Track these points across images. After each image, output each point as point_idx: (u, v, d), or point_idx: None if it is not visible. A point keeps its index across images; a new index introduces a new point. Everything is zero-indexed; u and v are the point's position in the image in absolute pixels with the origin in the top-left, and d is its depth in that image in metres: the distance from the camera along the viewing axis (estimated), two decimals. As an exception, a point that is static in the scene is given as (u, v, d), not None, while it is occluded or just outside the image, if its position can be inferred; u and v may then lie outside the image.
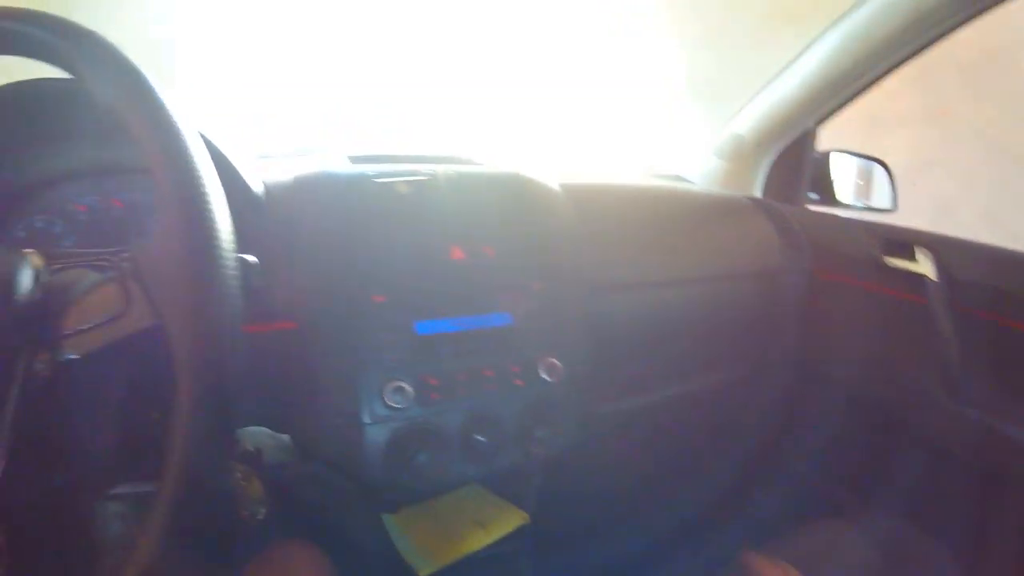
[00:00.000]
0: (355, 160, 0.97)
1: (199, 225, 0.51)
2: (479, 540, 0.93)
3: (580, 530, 1.24)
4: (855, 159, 1.49)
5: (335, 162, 0.94)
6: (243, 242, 0.83)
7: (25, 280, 0.54)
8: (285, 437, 1.02)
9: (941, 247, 1.16)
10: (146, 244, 0.54)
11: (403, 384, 0.79)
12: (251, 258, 0.61)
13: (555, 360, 0.89)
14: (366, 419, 0.79)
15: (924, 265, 1.16)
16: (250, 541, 0.95)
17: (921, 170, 2.45)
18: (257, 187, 0.87)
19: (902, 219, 1.34)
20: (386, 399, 0.79)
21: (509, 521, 0.97)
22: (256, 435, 1.01)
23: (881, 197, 1.44)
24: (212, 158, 0.80)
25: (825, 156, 1.43)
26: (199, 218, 0.51)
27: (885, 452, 1.24)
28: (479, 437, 0.83)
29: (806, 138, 1.40)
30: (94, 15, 0.61)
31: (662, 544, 1.30)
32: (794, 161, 1.42)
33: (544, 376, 0.88)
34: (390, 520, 1.03)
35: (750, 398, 1.28)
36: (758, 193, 1.45)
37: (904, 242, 1.21)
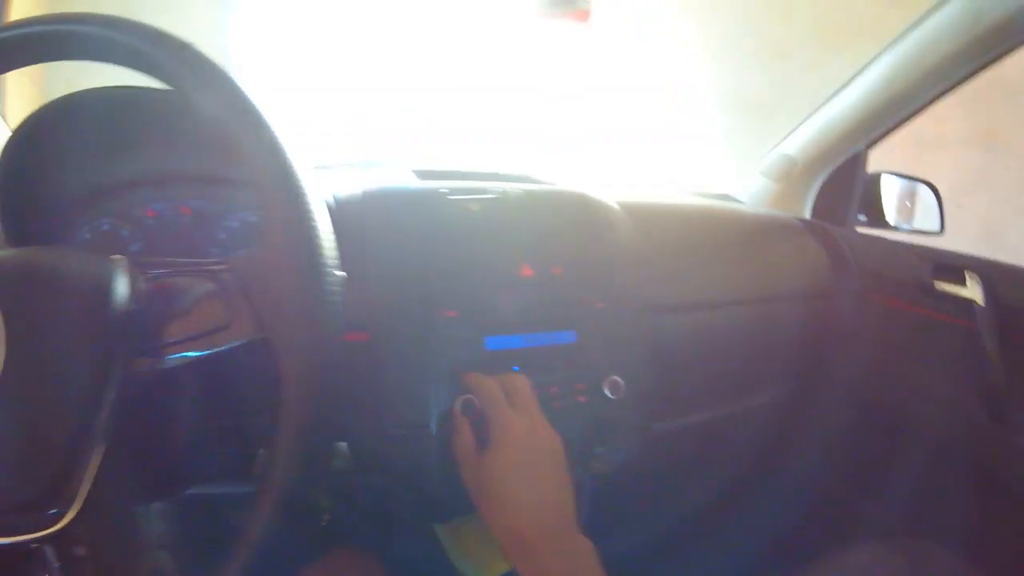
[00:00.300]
0: (421, 175, 0.99)
1: (310, 241, 0.53)
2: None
3: (630, 546, 1.25)
4: (904, 181, 1.49)
5: (403, 177, 0.97)
6: None
7: (121, 288, 0.55)
8: (342, 445, 1.05)
9: (990, 272, 1.16)
10: (252, 257, 0.56)
11: (472, 398, 0.80)
12: (342, 273, 0.63)
13: (617, 378, 0.90)
14: (434, 431, 0.81)
15: (973, 290, 1.16)
16: (312, 547, 0.97)
17: (968, 193, 2.44)
18: (328, 201, 0.89)
19: (949, 243, 1.35)
20: (459, 412, 0.80)
21: None
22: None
23: (929, 220, 1.44)
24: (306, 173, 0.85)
25: (875, 178, 1.44)
26: (310, 234, 0.53)
27: (931, 478, 1.24)
28: None
29: (857, 160, 1.40)
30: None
31: (712, 563, 1.32)
32: (844, 183, 1.42)
33: (607, 393, 0.90)
34: (443, 530, 1.06)
35: (799, 419, 1.29)
36: (807, 214, 1.46)
37: (953, 266, 1.21)
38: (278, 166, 0.54)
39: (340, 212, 0.89)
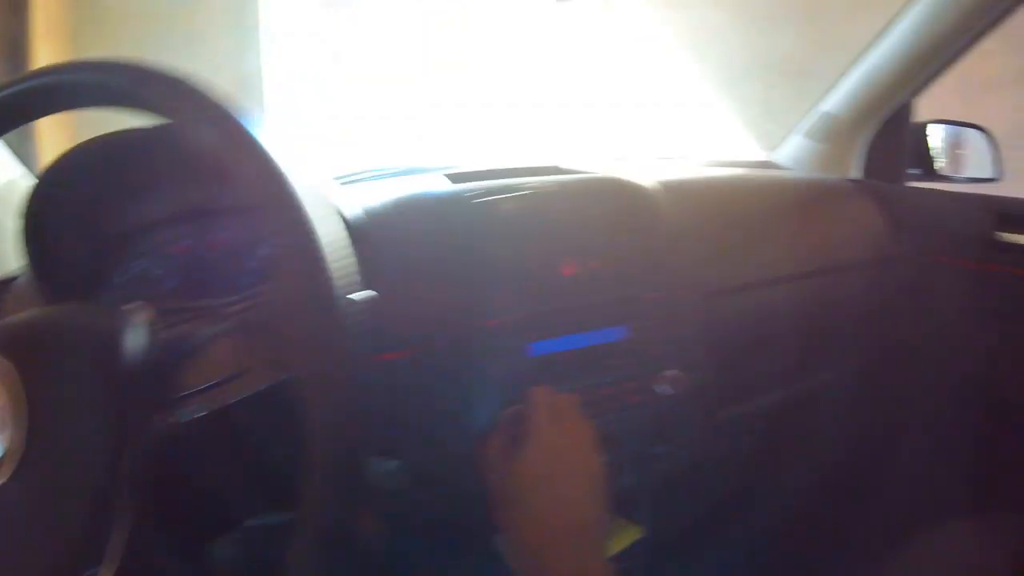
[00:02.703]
0: (454, 178, 0.97)
1: (315, 268, 0.51)
2: None
3: (698, 542, 1.23)
4: (953, 128, 1.45)
5: (434, 182, 0.94)
6: None
7: (135, 338, 0.54)
8: (393, 464, 1.04)
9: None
10: (266, 295, 0.55)
11: (520, 409, 0.79)
12: (369, 293, 0.61)
13: (672, 373, 0.88)
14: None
15: (1042, 237, 1.11)
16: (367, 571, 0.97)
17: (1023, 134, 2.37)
18: (359, 216, 0.87)
19: (1008, 189, 1.30)
20: (510, 424, 0.79)
21: (624, 537, 0.95)
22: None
23: (984, 167, 1.40)
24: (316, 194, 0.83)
25: (922, 128, 1.39)
26: (314, 261, 0.51)
27: (1011, 447, 1.20)
28: None
29: (903, 111, 1.36)
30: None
31: (787, 551, 1.29)
32: (891, 137, 1.37)
33: (664, 389, 0.87)
34: (503, 541, 1.04)
35: (867, 393, 1.25)
36: (857, 174, 1.41)
37: (1019, 215, 1.17)
38: (276, 193, 0.52)
39: (374, 227, 0.87)
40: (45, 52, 2.97)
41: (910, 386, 1.30)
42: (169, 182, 0.83)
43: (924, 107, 1.40)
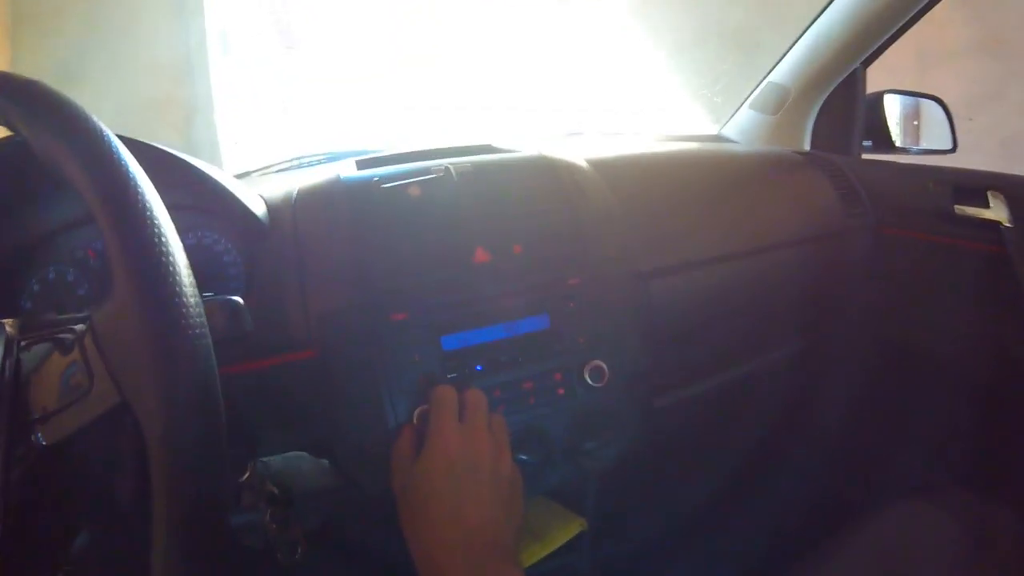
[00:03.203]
0: (363, 164, 0.92)
1: (150, 283, 0.47)
2: (535, 553, 0.88)
3: (643, 533, 1.19)
4: (908, 99, 1.43)
5: (341, 170, 0.89)
6: (251, 272, 0.81)
7: None
8: (325, 461, 1.00)
9: (1014, 188, 1.09)
10: (102, 309, 0.50)
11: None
12: (238, 300, 0.57)
13: (600, 362, 0.82)
14: None
15: (997, 211, 1.09)
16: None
17: (979, 105, 2.35)
18: (259, 209, 0.83)
19: (963, 160, 1.28)
20: (417, 425, 0.74)
21: (567, 530, 0.92)
22: (296, 460, 0.99)
23: (940, 138, 1.38)
24: (206, 186, 0.78)
25: (877, 98, 1.37)
26: (149, 275, 0.47)
27: (968, 421, 1.17)
28: (522, 456, 0.77)
29: (854, 81, 1.33)
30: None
31: (740, 531, 1.25)
32: (843, 107, 1.35)
33: (589, 381, 0.82)
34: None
35: (819, 371, 1.22)
36: (807, 146, 1.38)
37: (973, 186, 1.14)
38: (111, 198, 0.48)
39: (274, 220, 0.83)
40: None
41: (861, 361, 1.28)
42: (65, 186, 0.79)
43: (880, 79, 1.37)
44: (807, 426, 1.28)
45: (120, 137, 0.52)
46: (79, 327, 0.51)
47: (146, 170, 0.51)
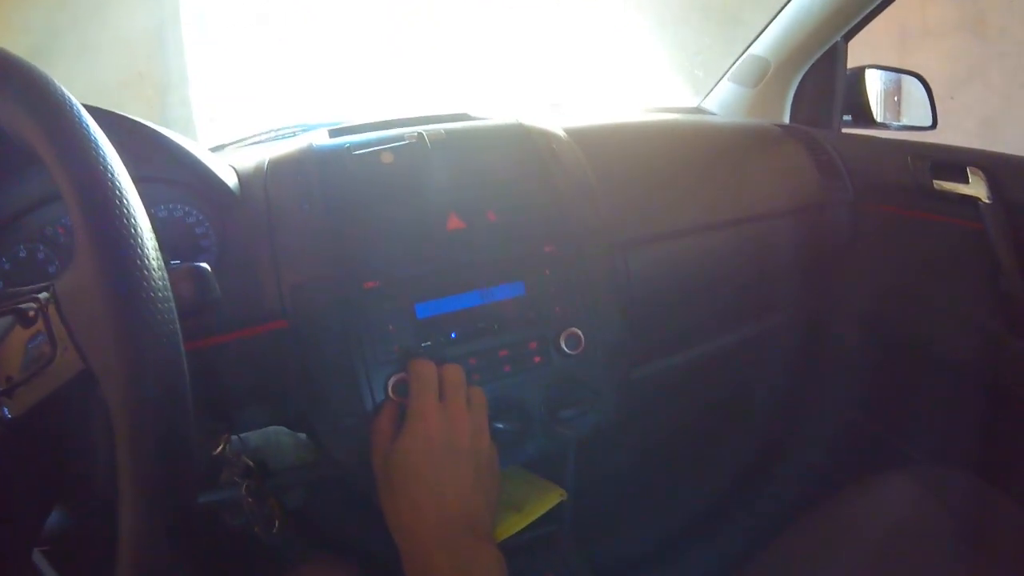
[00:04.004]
0: (335, 133, 0.91)
1: (112, 249, 0.46)
2: (514, 524, 0.88)
3: (623, 503, 1.20)
4: (890, 75, 1.43)
5: (313, 139, 0.88)
6: (223, 243, 0.81)
7: None
8: (303, 435, 0.99)
9: (993, 166, 1.09)
10: (64, 277, 0.50)
11: (406, 377, 0.74)
12: (203, 265, 0.57)
13: (576, 330, 0.82)
14: (371, 415, 0.75)
15: (976, 187, 1.10)
16: (272, 557, 0.94)
17: (959, 84, 2.37)
18: (231, 180, 0.82)
19: (944, 138, 1.28)
20: (391, 394, 0.74)
21: (546, 500, 0.92)
22: (275, 435, 0.98)
23: (920, 114, 1.38)
24: (176, 157, 0.77)
25: (858, 73, 1.37)
26: (111, 241, 0.46)
27: (944, 396, 1.18)
28: (499, 425, 0.77)
29: (835, 55, 1.32)
30: None
31: (712, 509, 1.26)
32: (824, 81, 1.35)
33: (565, 349, 0.82)
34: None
35: (795, 346, 1.23)
36: (787, 119, 1.38)
37: (953, 163, 1.14)
38: (74, 167, 0.47)
39: (245, 191, 0.83)
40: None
41: (839, 337, 1.28)
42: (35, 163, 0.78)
43: (862, 55, 1.37)
44: (780, 397, 1.29)
45: (89, 107, 0.51)
46: (43, 295, 0.51)
47: (115, 142, 0.50)
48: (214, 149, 1.13)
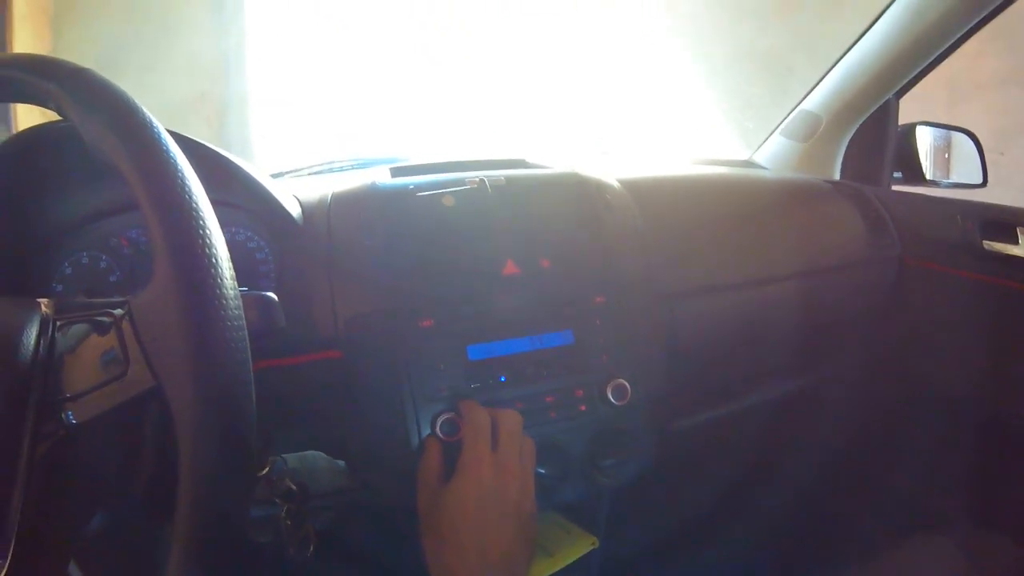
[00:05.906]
0: (397, 172, 0.93)
1: (192, 273, 0.47)
2: (545, 568, 0.88)
3: (654, 554, 1.19)
4: (940, 131, 1.41)
5: (376, 176, 0.90)
6: (282, 270, 0.82)
7: (31, 335, 0.50)
8: (341, 462, 1.00)
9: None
10: (141, 295, 0.51)
11: (454, 416, 0.75)
12: (271, 295, 0.58)
13: (623, 381, 0.83)
14: (416, 451, 0.75)
15: (1027, 248, 1.07)
16: None
17: (1010, 139, 2.33)
18: (295, 209, 0.84)
19: (994, 196, 1.26)
20: (438, 432, 0.75)
21: (578, 547, 0.91)
22: (312, 459, 0.99)
23: (970, 172, 1.36)
24: (245, 184, 0.79)
25: (909, 130, 1.35)
26: (192, 265, 0.48)
27: (987, 459, 1.15)
28: (540, 470, 0.77)
29: (887, 112, 1.31)
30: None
31: (746, 568, 1.24)
32: (875, 138, 1.34)
33: (611, 399, 0.82)
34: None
35: (838, 403, 1.21)
36: (837, 175, 1.37)
37: (1002, 222, 1.12)
38: (155, 187, 0.49)
39: (308, 222, 0.84)
40: (25, 35, 2.93)
41: (880, 392, 1.26)
42: (105, 174, 0.80)
43: (912, 110, 1.36)
44: (820, 454, 1.27)
45: (168, 132, 0.53)
46: (117, 311, 0.52)
47: (191, 165, 0.52)
48: (273, 176, 1.15)
